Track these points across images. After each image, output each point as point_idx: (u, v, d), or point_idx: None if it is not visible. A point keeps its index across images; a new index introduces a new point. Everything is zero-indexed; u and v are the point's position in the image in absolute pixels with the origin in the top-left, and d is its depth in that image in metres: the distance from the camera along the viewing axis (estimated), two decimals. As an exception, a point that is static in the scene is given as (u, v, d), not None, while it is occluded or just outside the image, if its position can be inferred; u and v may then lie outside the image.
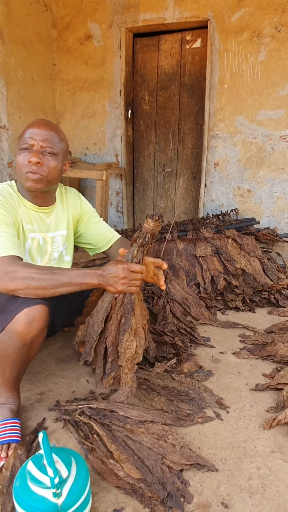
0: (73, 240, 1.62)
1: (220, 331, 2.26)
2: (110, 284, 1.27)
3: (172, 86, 3.42)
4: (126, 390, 1.40)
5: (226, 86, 3.06)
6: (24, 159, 1.34)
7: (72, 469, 1.06)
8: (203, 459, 1.30)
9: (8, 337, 1.21)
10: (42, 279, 1.21)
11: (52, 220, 1.50)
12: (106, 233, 1.65)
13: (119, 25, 3.28)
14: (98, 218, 1.66)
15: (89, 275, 1.27)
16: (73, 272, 1.27)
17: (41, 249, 1.48)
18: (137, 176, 3.78)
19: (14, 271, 1.19)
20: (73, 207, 1.57)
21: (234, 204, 3.28)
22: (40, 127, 1.35)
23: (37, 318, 1.21)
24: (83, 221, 1.62)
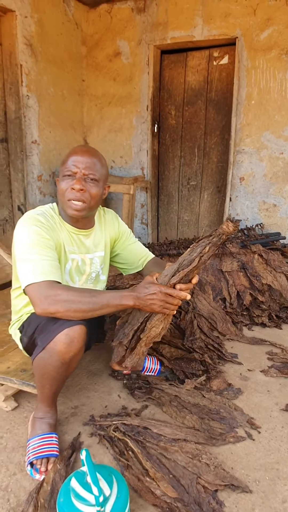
0: (109, 260, 1.67)
1: (247, 348, 2.27)
2: (147, 305, 1.31)
3: (198, 101, 3.47)
4: (134, 359, 1.46)
5: (253, 102, 3.09)
6: (67, 186, 1.38)
7: (113, 487, 1.10)
8: (237, 480, 1.31)
9: (49, 356, 1.26)
10: (81, 302, 1.25)
11: (91, 242, 1.55)
12: (142, 254, 1.69)
13: (147, 43, 3.36)
14: (134, 238, 1.70)
15: (126, 297, 1.30)
16: (110, 294, 1.30)
17: (80, 270, 1.53)
18: (162, 189, 3.83)
19: (54, 295, 1.23)
20: (111, 228, 1.62)
21: (259, 219, 3.29)
22: (83, 155, 1.39)
23: (76, 338, 1.25)
24: (120, 242, 1.66)
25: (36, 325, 1.37)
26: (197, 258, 1.33)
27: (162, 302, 1.30)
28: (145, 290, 1.30)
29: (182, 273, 1.35)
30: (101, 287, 1.66)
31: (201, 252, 1.33)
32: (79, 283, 1.54)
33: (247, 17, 2.96)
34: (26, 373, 1.57)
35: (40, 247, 1.30)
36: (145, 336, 1.43)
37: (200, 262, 1.34)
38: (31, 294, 1.25)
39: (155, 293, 1.29)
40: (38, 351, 1.29)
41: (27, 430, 1.51)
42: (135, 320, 1.46)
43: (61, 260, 1.45)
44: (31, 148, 3.18)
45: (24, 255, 1.29)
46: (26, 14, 2.95)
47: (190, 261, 1.35)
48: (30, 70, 3.05)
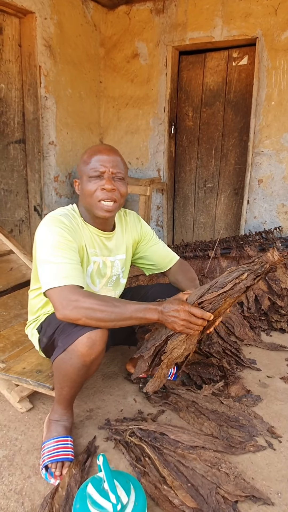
0: (130, 263, 1.64)
1: (266, 354, 2.21)
2: (169, 322, 1.25)
3: (216, 102, 3.43)
4: (155, 383, 1.39)
5: (273, 103, 3.03)
6: (96, 186, 1.34)
7: (131, 495, 1.07)
8: (258, 492, 1.26)
9: (69, 357, 1.24)
10: (104, 311, 1.21)
11: (113, 244, 1.52)
12: (166, 255, 1.66)
13: (166, 44, 3.34)
14: (157, 239, 1.67)
15: (150, 311, 1.25)
16: (134, 306, 1.25)
17: (100, 272, 1.50)
18: (178, 191, 3.80)
19: (76, 301, 1.19)
20: (133, 230, 1.59)
21: (277, 222, 3.22)
22: (108, 154, 1.35)
23: (98, 342, 1.22)
24: (143, 243, 1.63)
25: (56, 325, 1.34)
26: (230, 283, 1.21)
27: (184, 321, 1.23)
28: (169, 306, 1.25)
29: (211, 295, 1.24)
30: (120, 291, 1.63)
31: (237, 278, 1.21)
32: (99, 286, 1.51)
33: (268, 17, 2.91)
34: (42, 374, 1.55)
35: (63, 249, 1.27)
36: (166, 358, 1.35)
37: (234, 289, 1.21)
38: (53, 298, 1.23)
39: (178, 310, 1.23)
40: (59, 352, 1.26)
41: (42, 432, 1.48)
42: (159, 336, 1.40)
43: (84, 263, 1.43)
44: (48, 149, 3.19)
45: (46, 257, 1.26)
46: (45, 15, 2.97)
47: (223, 284, 1.24)
48: (49, 71, 3.06)
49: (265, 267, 1.19)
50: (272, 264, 1.18)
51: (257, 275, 1.20)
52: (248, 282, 1.20)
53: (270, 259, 1.18)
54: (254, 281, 1.21)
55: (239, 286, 1.20)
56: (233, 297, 1.23)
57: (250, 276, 1.19)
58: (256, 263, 1.20)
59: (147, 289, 1.67)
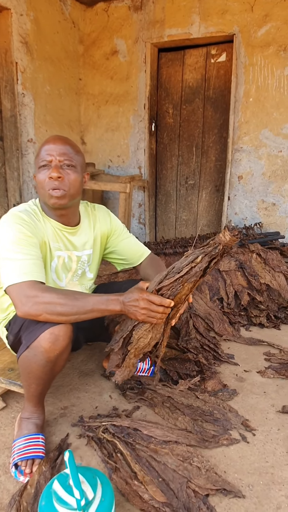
0: (99, 258, 1.62)
1: (244, 348, 2.21)
2: (131, 312, 1.24)
3: (196, 99, 3.43)
4: (124, 372, 1.38)
5: (251, 100, 3.05)
6: (44, 176, 1.32)
7: (97, 490, 1.05)
8: (229, 485, 1.26)
9: (33, 354, 1.22)
10: (65, 305, 1.19)
11: (78, 239, 1.50)
12: (137, 249, 1.65)
13: (144, 41, 3.33)
14: (128, 234, 1.66)
15: (112, 302, 1.24)
16: (96, 298, 1.24)
17: (66, 267, 1.48)
18: (160, 188, 3.79)
19: (35, 296, 1.17)
20: (102, 225, 1.58)
21: (258, 218, 3.24)
22: (55, 142, 1.34)
23: (62, 337, 1.20)
24: (113, 237, 1.62)
25: (21, 322, 1.32)
26: (186, 267, 1.21)
27: (144, 310, 1.21)
28: (129, 295, 1.24)
29: (169, 281, 1.23)
30: (88, 285, 1.61)
31: (192, 261, 1.20)
32: (65, 280, 1.49)
33: (245, 14, 2.92)
34: (14, 372, 1.53)
35: (23, 245, 1.25)
36: (133, 348, 1.34)
37: (190, 273, 1.20)
38: (12, 295, 1.20)
39: (137, 299, 1.22)
40: (23, 349, 1.25)
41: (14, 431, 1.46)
42: (125, 327, 1.38)
43: (47, 258, 1.41)
44: (27, 146, 3.15)
45: (6, 254, 1.24)
46: (21, 12, 2.93)
47: (179, 269, 1.23)
48: (26, 68, 3.02)
49: (219, 249, 1.17)
50: (225, 244, 1.16)
51: (212, 257, 1.19)
52: (203, 265, 1.19)
53: (222, 239, 1.16)
54: (210, 264, 1.20)
55: (195, 269, 1.19)
56: (191, 282, 1.22)
57: (204, 258, 1.18)
58: (210, 245, 1.19)
59: (120, 285, 1.65)
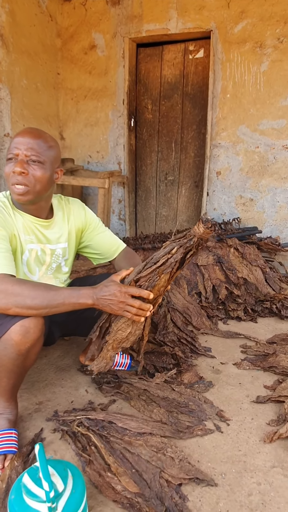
0: (74, 252, 1.60)
1: (222, 341, 2.24)
2: (105, 306, 1.23)
3: (175, 95, 3.44)
4: (101, 363, 1.37)
5: (229, 96, 3.07)
6: (9, 170, 1.29)
7: (68, 482, 1.05)
8: (202, 473, 1.27)
9: (4, 347, 1.20)
10: (35, 298, 1.17)
11: (51, 233, 1.48)
12: (113, 243, 1.63)
13: (122, 35, 3.32)
14: (103, 228, 1.64)
15: (84, 295, 1.22)
16: (67, 291, 1.22)
17: (39, 260, 1.46)
18: (140, 184, 3.79)
19: (5, 290, 1.15)
20: (77, 218, 1.56)
21: (236, 213, 3.28)
22: (24, 136, 1.30)
23: (32, 329, 1.19)
24: (88, 232, 1.60)
25: None
26: (163, 258, 1.22)
27: (121, 303, 1.21)
28: (104, 289, 1.22)
29: (146, 272, 1.24)
30: (63, 278, 1.60)
31: (168, 253, 1.22)
32: (38, 274, 1.48)
33: (221, 10, 2.94)
34: (-14, 368, 1.50)
35: None
36: (111, 339, 1.32)
37: (166, 263, 1.21)
38: None
39: (113, 293, 1.21)
40: None
41: (-14, 428, 1.44)
42: (102, 315, 1.38)
43: (17, 251, 1.38)
44: (4, 141, 3.10)
45: None
46: (-4, 3, 2.88)
47: (156, 260, 1.24)
48: (1, 61, 2.97)
49: (193, 240, 1.20)
50: (200, 236, 1.18)
51: (187, 248, 1.21)
52: (178, 256, 1.21)
53: (197, 231, 1.19)
54: (186, 256, 1.22)
55: (171, 260, 1.21)
56: (167, 273, 1.23)
57: (180, 250, 1.20)
58: (185, 237, 1.21)
59: (95, 279, 1.65)
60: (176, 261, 1.22)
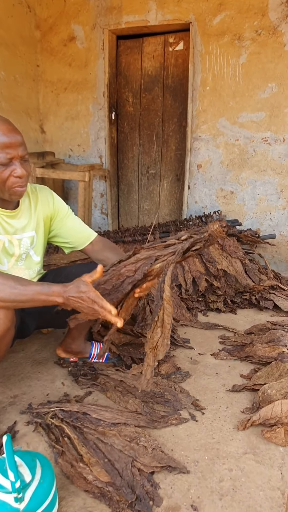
0: (43, 240, 1.58)
1: (200, 333, 2.25)
2: (76, 307, 1.21)
3: (155, 88, 3.43)
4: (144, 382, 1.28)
5: (208, 88, 3.07)
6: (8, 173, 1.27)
7: (36, 473, 1.04)
8: (174, 461, 1.28)
9: None
10: (1, 291, 1.15)
11: (18, 222, 1.46)
12: (83, 231, 1.62)
13: (102, 27, 3.28)
14: (73, 216, 1.63)
15: (54, 293, 1.20)
16: (37, 288, 1.19)
17: (7, 251, 1.44)
18: (122, 178, 3.77)
19: None
20: (44, 206, 1.54)
21: (217, 206, 3.29)
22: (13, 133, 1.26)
23: (2, 320, 1.18)
24: (57, 219, 1.59)
25: None
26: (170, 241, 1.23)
27: (90, 309, 1.19)
28: (74, 289, 1.19)
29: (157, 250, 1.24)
30: (36, 269, 1.58)
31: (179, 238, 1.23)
32: (8, 265, 1.46)
33: (200, 2, 2.93)
34: None
35: None
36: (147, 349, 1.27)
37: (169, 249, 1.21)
38: None
39: (81, 297, 1.18)
40: None
41: None
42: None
43: None
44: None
45: None
46: (-29, -8, 2.82)
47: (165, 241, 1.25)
48: (-22, 52, 2.92)
49: (205, 235, 1.22)
50: (212, 233, 1.20)
51: (196, 240, 1.22)
52: (185, 245, 1.22)
53: (211, 228, 1.21)
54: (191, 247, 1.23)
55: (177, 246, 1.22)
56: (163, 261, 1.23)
57: (189, 239, 1.22)
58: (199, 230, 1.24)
59: (69, 270, 1.63)
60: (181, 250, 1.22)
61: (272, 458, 1.33)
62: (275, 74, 2.85)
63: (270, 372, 1.72)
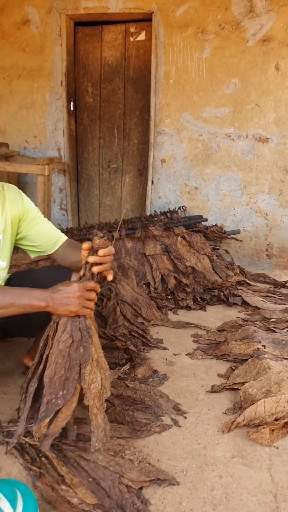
0: (10, 244, 1.42)
1: (173, 332, 2.20)
2: (63, 305, 1.13)
3: (116, 79, 3.30)
4: (99, 434, 1.16)
5: (172, 82, 3.01)
6: None
7: (17, 505, 0.92)
8: (163, 473, 1.21)
9: None
10: None
11: None
12: (52, 235, 1.47)
13: (59, 12, 3.09)
14: (42, 218, 1.48)
15: (36, 297, 1.13)
16: (17, 291, 1.13)
17: None
18: (82, 172, 3.62)
19: None
20: (13, 207, 1.38)
21: (181, 201, 3.25)
22: None
23: None
24: (26, 221, 1.43)
25: None
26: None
27: (80, 298, 1.13)
28: (60, 287, 1.14)
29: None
30: (2, 275, 1.42)
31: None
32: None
33: (163, -9, 2.85)
34: None
35: None
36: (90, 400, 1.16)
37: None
38: None
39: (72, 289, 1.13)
40: None
41: None
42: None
43: None
44: None
45: None
46: None
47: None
48: None
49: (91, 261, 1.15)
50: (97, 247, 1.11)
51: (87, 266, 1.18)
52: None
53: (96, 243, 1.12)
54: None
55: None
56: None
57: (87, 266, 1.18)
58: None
59: (39, 273, 1.50)
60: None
61: (259, 460, 1.31)
62: (238, 70, 2.85)
63: (247, 370, 1.71)
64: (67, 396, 1.14)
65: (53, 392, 1.14)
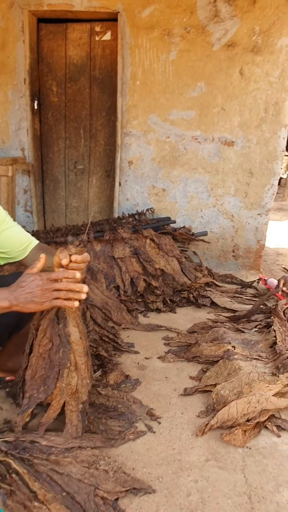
0: None
1: (144, 335, 2.18)
2: (28, 302, 1.07)
3: (81, 78, 3.25)
4: (71, 428, 1.26)
5: (139, 83, 3.00)
6: None
7: (-12, 530, 0.87)
8: (139, 482, 1.19)
9: None
10: None
11: None
12: (22, 240, 1.41)
13: (21, 7, 2.99)
14: (12, 222, 1.41)
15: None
16: None
17: None
18: (47, 173, 3.53)
19: None
20: None
21: (149, 203, 3.25)
22: None
23: None
24: None
25: None
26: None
27: (46, 291, 1.07)
28: (21, 284, 1.09)
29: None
30: None
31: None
32: None
33: (129, -8, 2.83)
34: None
35: None
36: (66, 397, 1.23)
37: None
38: None
39: (34, 283, 1.07)
40: None
41: None
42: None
43: None
44: None
45: None
46: None
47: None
48: None
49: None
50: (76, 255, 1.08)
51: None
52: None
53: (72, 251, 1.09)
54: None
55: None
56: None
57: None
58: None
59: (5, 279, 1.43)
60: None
61: (233, 461, 1.32)
62: (204, 74, 2.88)
63: (218, 371, 1.73)
64: (48, 391, 1.23)
65: (35, 388, 1.24)
